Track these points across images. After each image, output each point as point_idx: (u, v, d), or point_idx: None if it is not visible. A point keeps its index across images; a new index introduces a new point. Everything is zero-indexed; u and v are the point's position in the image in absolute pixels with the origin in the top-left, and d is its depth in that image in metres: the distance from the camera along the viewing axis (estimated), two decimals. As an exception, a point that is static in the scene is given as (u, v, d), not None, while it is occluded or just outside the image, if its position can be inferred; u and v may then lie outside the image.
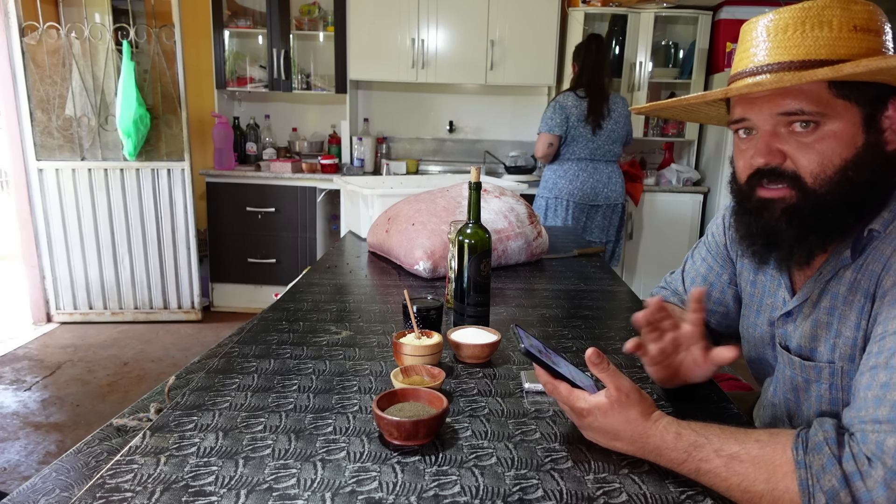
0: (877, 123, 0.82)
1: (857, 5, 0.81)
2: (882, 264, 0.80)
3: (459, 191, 1.89)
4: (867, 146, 0.81)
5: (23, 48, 3.49)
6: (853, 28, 0.80)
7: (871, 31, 0.80)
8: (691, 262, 1.21)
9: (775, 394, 1.00)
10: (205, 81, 4.12)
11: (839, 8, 0.80)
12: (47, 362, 3.25)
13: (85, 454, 1.17)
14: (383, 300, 1.53)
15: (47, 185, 3.64)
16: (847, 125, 0.81)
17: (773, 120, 0.83)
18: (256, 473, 0.77)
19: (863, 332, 0.82)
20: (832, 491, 0.67)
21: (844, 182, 0.81)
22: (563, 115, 3.19)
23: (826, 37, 0.80)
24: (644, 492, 0.76)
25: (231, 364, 1.10)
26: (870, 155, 0.81)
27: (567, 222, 3.28)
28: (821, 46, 0.80)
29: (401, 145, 4.43)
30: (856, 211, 0.83)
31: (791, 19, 0.82)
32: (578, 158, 3.27)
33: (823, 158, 0.81)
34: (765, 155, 0.84)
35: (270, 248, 3.96)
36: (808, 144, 0.82)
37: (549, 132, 3.21)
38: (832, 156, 0.81)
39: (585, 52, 3.24)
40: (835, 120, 0.81)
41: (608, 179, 3.30)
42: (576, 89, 3.24)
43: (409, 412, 0.87)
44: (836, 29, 0.80)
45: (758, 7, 3.66)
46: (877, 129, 0.82)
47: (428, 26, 3.87)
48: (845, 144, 0.81)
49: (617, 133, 3.27)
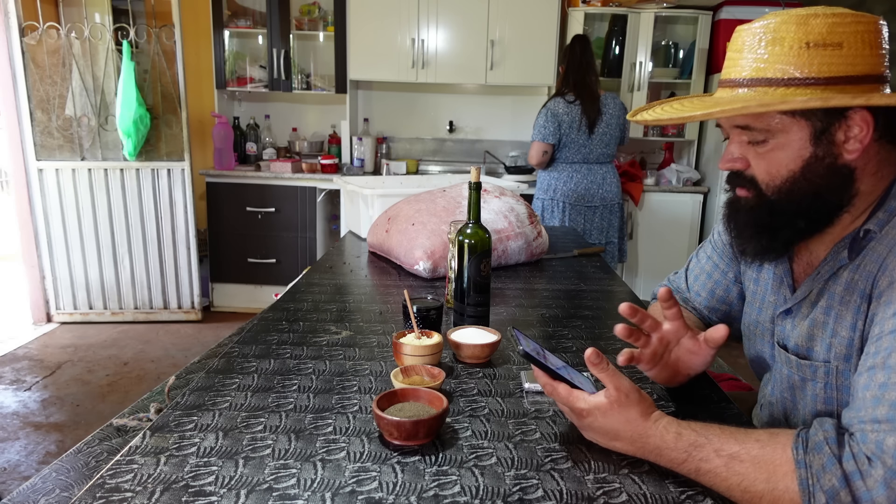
0: (830, 135, 0.82)
1: (816, 18, 0.79)
2: (878, 265, 0.80)
3: (459, 191, 1.89)
4: (815, 158, 0.83)
5: (23, 48, 3.49)
6: (805, 45, 0.79)
7: (828, 46, 0.79)
8: (696, 260, 1.22)
9: (773, 393, 1.00)
10: (205, 81, 4.12)
11: (794, 24, 0.80)
12: (47, 362, 3.25)
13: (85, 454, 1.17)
14: (383, 300, 1.53)
15: (47, 185, 3.64)
16: (794, 139, 0.83)
17: (734, 131, 0.89)
18: (256, 473, 0.77)
19: (859, 333, 0.82)
20: (832, 490, 0.67)
21: (792, 191, 0.85)
22: (555, 122, 3.17)
23: (777, 54, 0.81)
24: (644, 492, 0.76)
25: (231, 364, 1.10)
26: (819, 166, 0.84)
27: (564, 223, 3.28)
28: (770, 64, 0.81)
29: (401, 145, 4.43)
30: (805, 216, 0.87)
31: (757, 32, 0.83)
32: (572, 162, 3.27)
33: (771, 168, 0.86)
34: (726, 161, 0.91)
35: (270, 248, 3.96)
36: (760, 154, 0.87)
37: (543, 141, 3.19)
38: (779, 167, 0.85)
39: (570, 53, 3.23)
40: (781, 134, 0.84)
41: (602, 180, 3.28)
42: (563, 93, 3.20)
43: (409, 412, 0.87)
44: (787, 46, 0.80)
45: (758, 7, 3.66)
46: (829, 142, 0.83)
47: (428, 26, 3.87)
48: (792, 157, 0.84)
49: (610, 134, 3.25)
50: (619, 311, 0.94)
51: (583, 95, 3.17)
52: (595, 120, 3.18)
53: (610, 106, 3.24)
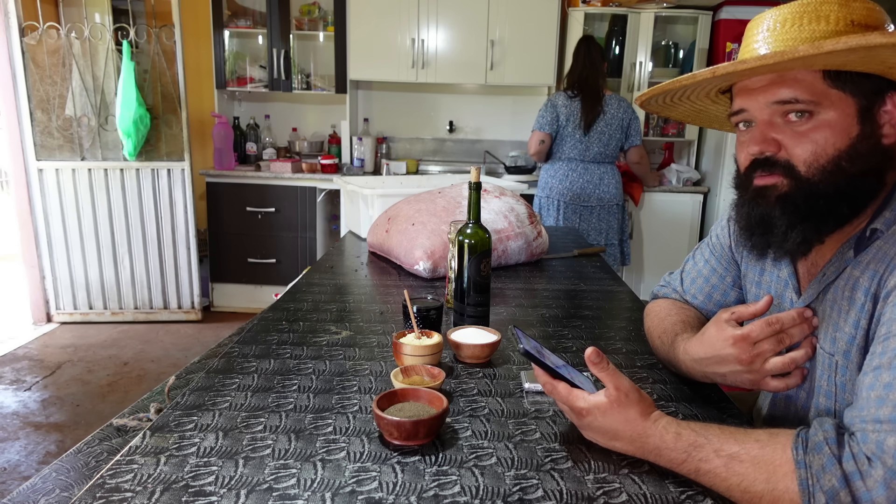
0: (873, 116, 0.82)
1: (856, 2, 0.80)
2: (885, 264, 0.80)
3: (459, 191, 1.89)
4: (862, 137, 0.81)
5: (23, 48, 3.49)
6: (850, 23, 0.79)
7: (869, 28, 0.79)
8: (692, 262, 1.21)
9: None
10: (205, 81, 4.12)
11: (837, 4, 0.80)
12: (47, 362, 3.25)
13: (85, 454, 1.17)
14: (383, 300, 1.53)
15: (47, 185, 3.64)
16: (842, 115, 0.81)
17: (768, 109, 0.84)
18: (256, 473, 0.77)
19: (862, 331, 0.82)
20: (832, 490, 0.66)
21: (837, 172, 0.81)
22: (553, 113, 3.21)
23: (823, 30, 0.80)
24: (644, 492, 0.76)
25: (231, 364, 1.10)
26: (864, 146, 0.81)
27: (559, 222, 3.27)
28: (817, 38, 0.80)
29: (401, 145, 4.43)
30: (848, 201, 0.83)
31: (790, 14, 0.83)
32: (569, 158, 3.27)
33: (817, 147, 0.82)
34: (760, 143, 0.85)
35: (270, 248, 3.96)
36: (802, 133, 0.82)
37: (540, 130, 3.24)
38: (826, 145, 0.81)
39: (576, 52, 3.28)
40: (829, 110, 0.81)
41: (600, 180, 3.28)
42: (567, 88, 3.25)
43: (409, 412, 0.87)
44: (833, 23, 0.80)
45: (758, 7, 3.66)
46: (873, 122, 0.82)
47: (428, 26, 3.87)
48: (839, 134, 0.81)
49: (610, 134, 3.25)
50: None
51: (584, 91, 3.19)
52: (593, 118, 3.19)
53: (613, 106, 3.24)
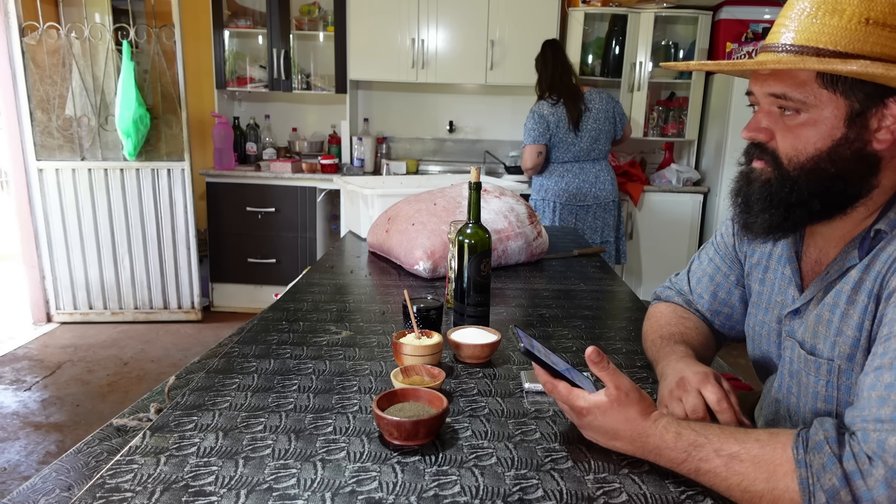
0: (865, 120, 0.81)
1: None
2: (888, 265, 0.79)
3: (459, 191, 1.89)
4: (845, 141, 0.82)
5: (23, 48, 3.49)
6: (865, 21, 0.78)
7: (887, 27, 0.78)
8: (698, 262, 1.21)
9: (779, 389, 1.00)
10: (205, 81, 4.11)
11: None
12: (47, 362, 3.25)
13: (85, 454, 1.17)
14: (383, 300, 1.53)
15: (47, 185, 3.64)
16: (829, 117, 0.81)
17: (766, 99, 0.86)
18: (256, 473, 0.77)
19: (865, 333, 0.82)
20: (833, 490, 0.66)
21: (816, 170, 0.83)
22: (543, 123, 3.17)
23: (834, 25, 0.79)
24: (644, 492, 0.76)
25: (231, 364, 1.10)
26: (847, 150, 0.82)
27: (554, 223, 3.27)
28: (823, 34, 0.80)
29: (401, 145, 4.43)
30: (822, 198, 0.85)
31: (814, 2, 0.82)
32: (563, 161, 3.26)
33: (799, 144, 0.84)
34: (752, 130, 0.88)
35: (270, 248, 3.96)
36: (790, 128, 0.84)
37: (535, 143, 3.18)
38: (807, 143, 0.83)
39: (542, 59, 3.27)
40: (816, 109, 0.82)
41: (595, 179, 3.27)
42: (545, 97, 3.22)
43: (409, 412, 0.87)
44: (847, 19, 0.79)
45: (758, 7, 3.66)
46: (862, 127, 0.81)
47: (428, 26, 3.87)
48: (822, 135, 0.82)
49: (599, 129, 3.24)
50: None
51: (563, 95, 3.18)
52: (579, 117, 3.19)
53: (596, 101, 3.23)
